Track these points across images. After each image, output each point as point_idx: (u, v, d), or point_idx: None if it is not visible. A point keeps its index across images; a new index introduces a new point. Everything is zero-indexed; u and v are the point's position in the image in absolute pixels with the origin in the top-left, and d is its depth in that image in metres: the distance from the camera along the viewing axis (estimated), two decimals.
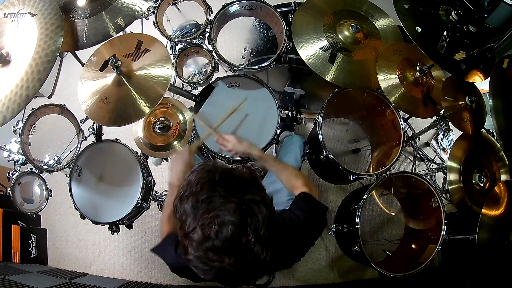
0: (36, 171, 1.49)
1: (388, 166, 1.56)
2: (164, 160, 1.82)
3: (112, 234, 1.55)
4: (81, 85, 1.39)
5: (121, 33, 1.46)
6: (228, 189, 0.66)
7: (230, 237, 0.61)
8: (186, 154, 1.17)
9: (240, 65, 1.58)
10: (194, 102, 1.62)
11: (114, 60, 1.26)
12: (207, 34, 1.59)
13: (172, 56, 1.44)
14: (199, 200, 0.65)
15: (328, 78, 1.43)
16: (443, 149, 2.23)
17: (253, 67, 1.57)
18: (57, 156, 1.65)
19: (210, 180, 0.67)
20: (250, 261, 0.64)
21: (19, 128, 1.41)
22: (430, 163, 2.20)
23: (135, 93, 1.32)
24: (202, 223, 0.63)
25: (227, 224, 0.61)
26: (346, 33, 1.52)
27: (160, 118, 1.61)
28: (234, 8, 1.60)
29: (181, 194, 0.69)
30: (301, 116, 1.80)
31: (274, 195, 1.23)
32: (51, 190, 1.54)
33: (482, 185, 1.56)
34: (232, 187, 0.66)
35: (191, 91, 1.65)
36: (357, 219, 1.50)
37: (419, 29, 1.40)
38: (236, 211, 0.63)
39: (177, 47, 1.68)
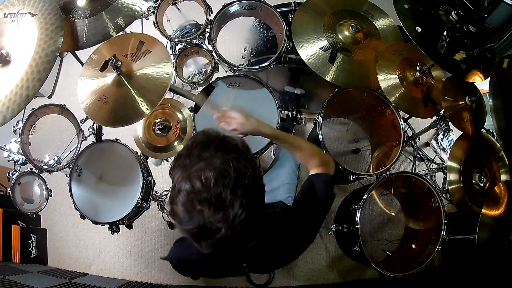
0: (36, 171, 1.49)
1: (388, 166, 1.56)
2: (164, 160, 1.82)
3: (112, 234, 1.55)
4: (81, 83, 1.39)
5: (121, 33, 1.46)
6: (218, 147, 0.70)
7: (213, 190, 0.64)
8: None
9: (240, 65, 1.58)
10: (194, 102, 1.62)
11: (114, 60, 1.26)
12: (207, 34, 1.59)
13: (172, 56, 1.44)
14: (191, 155, 0.70)
15: (328, 78, 1.43)
16: (443, 149, 2.23)
17: (253, 67, 1.57)
18: (57, 156, 1.64)
19: (204, 141, 0.72)
20: (228, 218, 0.65)
21: (19, 128, 1.41)
22: (430, 163, 2.20)
23: (135, 94, 1.31)
24: (190, 176, 0.66)
25: (211, 178, 0.64)
26: (346, 33, 1.52)
27: (160, 119, 1.62)
28: (234, 8, 1.60)
29: (179, 153, 0.74)
30: (301, 116, 1.81)
31: (272, 193, 1.23)
32: (51, 190, 1.54)
33: (482, 185, 1.56)
34: (223, 147, 0.71)
35: (191, 91, 1.65)
36: (357, 219, 1.50)
37: (419, 29, 1.40)
38: (221, 165, 0.66)
39: (177, 47, 1.68)
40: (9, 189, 1.46)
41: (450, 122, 1.61)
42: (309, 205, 0.94)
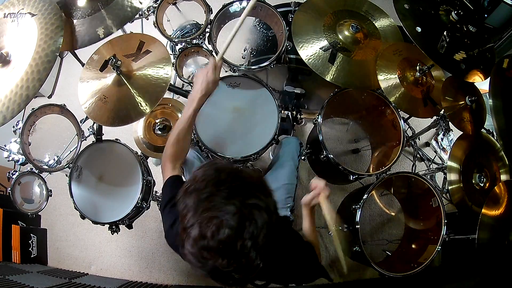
0: (36, 171, 1.49)
1: (388, 166, 1.56)
2: None
3: (112, 234, 1.55)
4: (81, 83, 1.39)
5: (121, 33, 1.46)
6: (232, 190, 0.65)
7: (225, 239, 0.61)
8: (211, 67, 1.09)
9: (240, 65, 1.58)
10: None
11: (114, 60, 1.26)
12: (207, 34, 1.59)
13: (172, 56, 1.44)
14: (201, 197, 0.65)
15: (328, 78, 1.43)
16: (443, 149, 2.23)
17: (253, 67, 1.57)
18: (57, 156, 1.64)
19: (216, 179, 0.67)
20: (243, 265, 0.64)
21: (19, 128, 1.40)
22: (430, 163, 2.20)
23: (134, 94, 1.32)
24: (201, 221, 0.63)
25: (224, 227, 0.61)
26: (346, 33, 1.52)
27: (160, 119, 1.62)
28: (234, 8, 1.60)
29: (186, 187, 0.69)
30: (301, 116, 1.81)
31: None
32: (51, 190, 1.54)
33: (482, 185, 1.56)
34: (237, 189, 0.66)
35: (191, 91, 1.65)
36: (357, 219, 1.50)
37: (419, 29, 1.40)
38: (235, 214, 0.62)
39: (177, 47, 1.68)
40: (9, 189, 1.46)
41: (450, 122, 1.61)
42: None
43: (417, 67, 1.50)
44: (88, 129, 1.61)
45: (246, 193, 0.66)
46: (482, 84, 1.54)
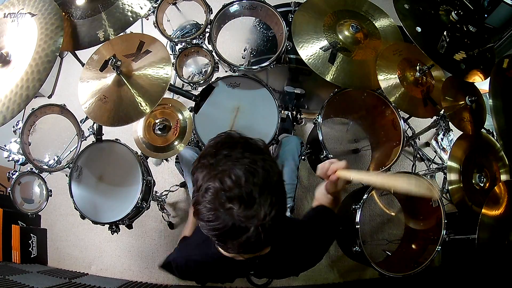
0: (36, 171, 1.49)
1: (388, 166, 1.56)
2: (164, 160, 1.82)
3: (112, 234, 1.55)
4: (81, 83, 1.39)
5: (121, 33, 1.46)
6: (246, 149, 0.69)
7: (244, 187, 0.63)
8: None
9: (240, 65, 1.58)
10: (194, 102, 1.62)
11: (114, 60, 1.26)
12: (207, 34, 1.59)
13: (172, 56, 1.44)
14: (219, 154, 0.68)
15: (328, 78, 1.43)
16: (443, 149, 2.23)
17: (253, 67, 1.57)
18: (57, 156, 1.64)
19: (230, 142, 0.71)
20: (258, 217, 0.64)
21: (19, 128, 1.40)
22: (430, 163, 2.20)
23: (134, 94, 1.31)
24: (218, 172, 0.65)
25: (242, 177, 0.64)
26: (346, 33, 1.52)
27: (160, 119, 1.61)
28: (234, 8, 1.60)
29: (201, 154, 0.72)
30: (301, 116, 1.81)
31: None
32: (51, 190, 1.54)
33: (482, 185, 1.56)
34: (249, 148, 0.70)
35: (191, 91, 1.65)
36: (357, 219, 1.50)
37: (419, 29, 1.40)
38: (250, 165, 0.66)
39: (177, 47, 1.68)
40: (9, 189, 1.46)
41: (450, 122, 1.61)
42: (324, 223, 0.97)
43: (417, 67, 1.50)
44: (88, 129, 1.61)
45: (256, 151, 0.71)
46: (482, 84, 1.54)
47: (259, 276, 1.03)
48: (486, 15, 2.09)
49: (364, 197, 1.51)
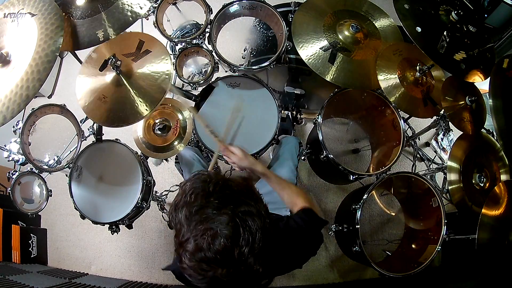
0: (36, 171, 1.49)
1: (388, 166, 1.56)
2: (164, 160, 1.82)
3: (112, 234, 1.55)
4: (80, 81, 1.38)
5: (121, 33, 1.46)
6: (222, 200, 0.66)
7: (222, 249, 0.62)
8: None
9: (240, 65, 1.58)
10: (194, 102, 1.62)
11: (114, 59, 1.26)
12: (207, 34, 1.59)
13: (172, 56, 1.44)
14: (192, 211, 0.65)
15: (328, 78, 1.43)
16: (443, 149, 2.23)
17: (253, 67, 1.57)
18: (57, 156, 1.65)
19: (204, 191, 0.67)
20: (243, 272, 0.64)
21: (19, 128, 1.40)
22: (430, 163, 2.20)
23: (134, 94, 1.31)
24: (195, 234, 0.63)
25: (219, 237, 0.62)
26: (346, 33, 1.52)
27: (160, 119, 1.62)
28: (234, 8, 1.60)
29: (175, 203, 0.69)
30: (301, 116, 1.81)
31: (271, 194, 1.22)
32: (51, 190, 1.54)
33: (482, 185, 1.56)
34: (226, 198, 0.66)
35: (191, 91, 1.65)
36: (357, 219, 1.50)
37: (419, 29, 1.40)
38: (229, 223, 0.63)
39: (177, 47, 1.68)
40: (9, 189, 1.46)
41: (450, 122, 1.61)
42: (299, 231, 0.96)
43: (417, 67, 1.50)
44: (88, 129, 1.61)
45: (236, 202, 0.66)
46: (482, 84, 1.54)
47: None
48: (486, 15, 2.09)
49: (364, 197, 1.51)
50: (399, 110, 1.61)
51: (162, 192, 1.98)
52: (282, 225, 0.98)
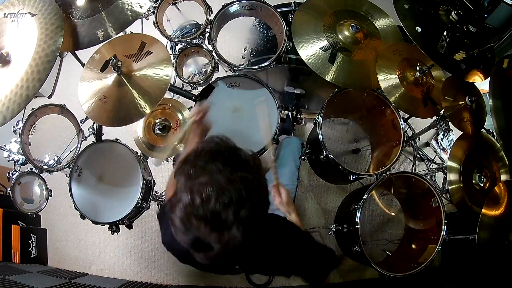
0: (36, 171, 1.49)
1: (388, 166, 1.56)
2: (164, 161, 1.82)
3: (112, 234, 1.55)
4: (82, 83, 1.39)
5: (122, 33, 1.46)
6: (227, 163, 0.67)
7: (212, 209, 0.63)
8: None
9: (240, 65, 1.58)
10: (194, 102, 1.62)
11: (115, 60, 1.26)
12: (207, 34, 1.59)
13: (172, 56, 1.44)
14: (197, 165, 0.67)
15: (328, 78, 1.43)
16: (443, 149, 2.22)
17: (253, 67, 1.57)
18: (57, 156, 1.65)
19: (214, 150, 0.69)
20: (224, 237, 0.65)
21: (19, 128, 1.41)
22: (430, 163, 2.20)
23: (134, 94, 1.32)
24: (191, 187, 0.65)
25: (212, 196, 0.63)
26: (346, 33, 1.52)
27: (160, 119, 1.62)
28: (234, 8, 1.60)
29: (186, 156, 0.72)
30: (301, 116, 1.80)
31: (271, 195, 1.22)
32: (51, 190, 1.54)
33: (482, 185, 1.56)
34: (231, 162, 0.68)
35: (191, 91, 1.65)
36: (357, 219, 1.50)
37: (419, 29, 1.40)
38: (225, 185, 0.64)
39: (177, 47, 1.68)
40: (9, 189, 1.46)
41: (450, 122, 1.61)
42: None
43: (417, 67, 1.50)
44: (88, 129, 1.61)
45: (238, 166, 0.68)
46: (482, 84, 1.54)
47: (247, 270, 1.03)
48: (486, 15, 2.09)
49: (364, 197, 1.51)
50: (399, 110, 1.61)
51: (162, 192, 1.97)
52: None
